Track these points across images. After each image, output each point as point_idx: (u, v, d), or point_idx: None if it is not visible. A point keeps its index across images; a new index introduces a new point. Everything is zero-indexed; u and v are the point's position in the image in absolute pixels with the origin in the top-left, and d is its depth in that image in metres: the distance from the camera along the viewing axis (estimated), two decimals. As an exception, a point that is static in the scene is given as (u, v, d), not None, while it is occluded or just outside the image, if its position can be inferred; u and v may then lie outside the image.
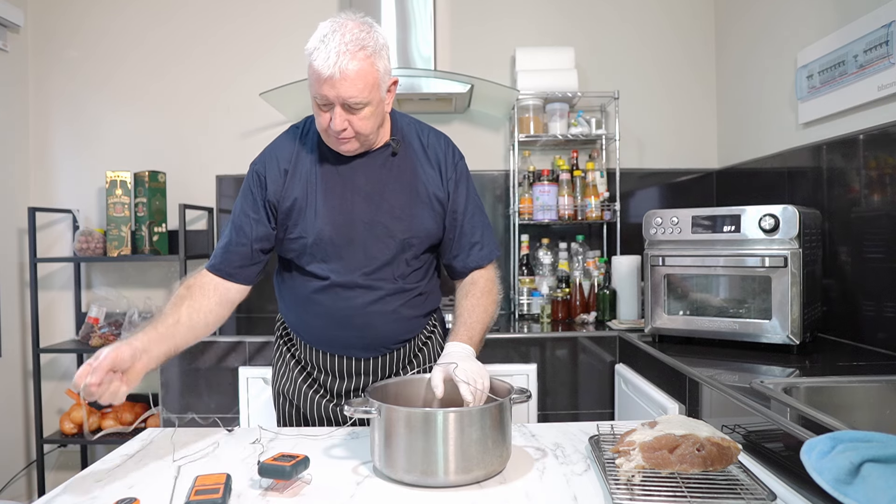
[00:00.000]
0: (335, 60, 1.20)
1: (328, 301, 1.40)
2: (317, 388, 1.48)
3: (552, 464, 1.14)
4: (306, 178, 1.38)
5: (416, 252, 1.42)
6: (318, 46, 1.22)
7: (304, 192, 1.37)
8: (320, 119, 1.29)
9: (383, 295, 1.40)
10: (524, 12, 3.04)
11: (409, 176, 1.41)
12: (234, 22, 3.03)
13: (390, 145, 1.41)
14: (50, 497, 1.02)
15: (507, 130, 3.03)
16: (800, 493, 1.02)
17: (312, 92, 1.26)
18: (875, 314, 1.87)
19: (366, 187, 1.38)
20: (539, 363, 2.39)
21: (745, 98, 2.74)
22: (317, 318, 1.43)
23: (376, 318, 1.41)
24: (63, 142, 3.04)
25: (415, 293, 1.45)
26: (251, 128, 3.04)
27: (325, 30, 1.25)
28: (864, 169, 1.92)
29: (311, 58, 1.23)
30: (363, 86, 1.23)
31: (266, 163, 1.40)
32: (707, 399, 1.57)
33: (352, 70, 1.21)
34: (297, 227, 1.37)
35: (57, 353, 2.88)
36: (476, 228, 1.47)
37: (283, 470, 1.01)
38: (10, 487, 2.80)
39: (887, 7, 1.79)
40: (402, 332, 1.46)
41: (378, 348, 1.44)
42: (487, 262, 1.49)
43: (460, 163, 1.47)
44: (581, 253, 2.87)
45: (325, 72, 1.21)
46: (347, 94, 1.23)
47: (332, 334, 1.43)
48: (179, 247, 2.69)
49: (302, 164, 1.39)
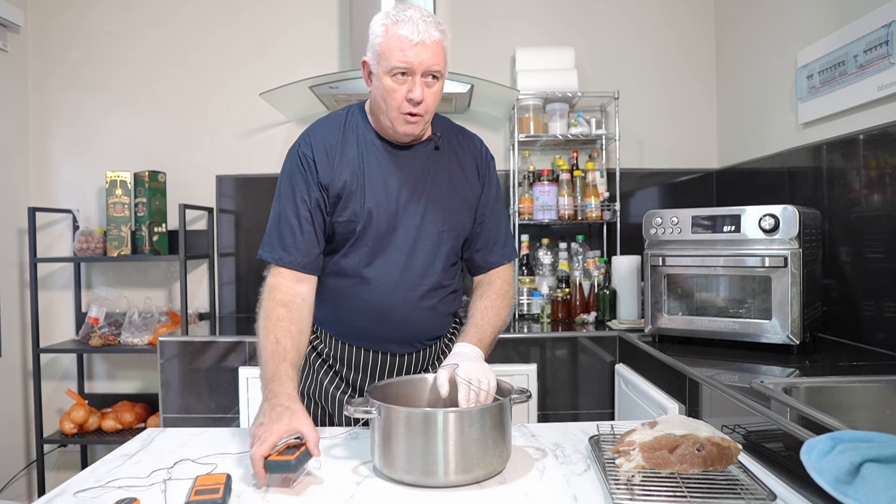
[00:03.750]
0: (424, 28, 1.25)
1: (369, 294, 1.38)
2: (344, 387, 1.47)
3: (552, 464, 1.14)
4: (355, 164, 1.35)
5: (454, 247, 1.43)
6: (400, 19, 1.25)
7: (353, 177, 1.34)
8: (395, 94, 1.27)
9: (426, 290, 1.40)
10: (524, 12, 3.04)
11: (448, 171, 1.43)
12: (234, 22, 3.03)
13: (432, 140, 1.42)
14: (50, 497, 1.02)
15: (507, 130, 3.03)
16: (800, 493, 1.02)
17: (392, 62, 1.25)
18: (875, 314, 1.87)
19: (410, 178, 1.38)
20: (539, 363, 2.39)
21: (745, 98, 2.74)
22: (354, 311, 1.40)
23: (417, 313, 1.41)
24: (63, 142, 3.04)
25: (450, 289, 1.46)
26: (251, 128, 3.04)
27: (396, 10, 1.28)
28: (864, 169, 1.92)
29: (393, 29, 1.25)
30: (442, 56, 1.29)
31: (313, 145, 1.36)
32: (707, 399, 1.57)
33: (436, 38, 1.27)
34: (347, 210, 1.34)
35: (57, 353, 2.88)
36: (501, 226, 1.52)
37: (289, 464, 1.01)
38: (10, 487, 2.80)
39: (887, 7, 1.79)
40: (437, 328, 1.47)
41: (413, 343, 1.45)
42: (507, 261, 1.52)
43: (491, 163, 1.52)
44: (581, 253, 2.87)
45: (415, 37, 1.24)
46: (432, 62, 1.26)
47: (369, 328, 1.41)
48: (179, 247, 2.69)
49: (348, 150, 1.37)
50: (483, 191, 1.48)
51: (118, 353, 2.86)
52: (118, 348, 2.74)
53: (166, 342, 2.42)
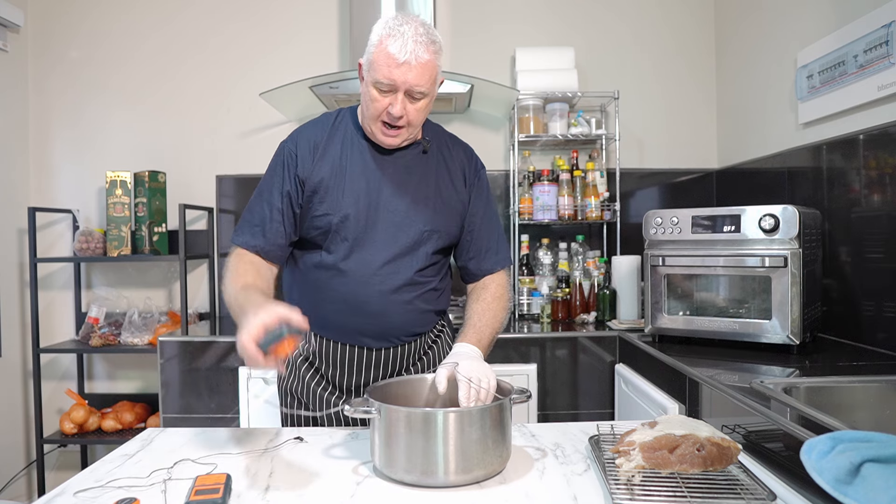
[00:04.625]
0: (412, 48, 1.26)
1: (345, 287, 1.40)
2: (325, 384, 1.48)
3: (552, 464, 1.14)
4: (336, 161, 1.40)
5: (435, 246, 1.44)
6: (392, 34, 1.26)
7: (332, 173, 1.39)
8: (376, 104, 1.32)
9: (401, 284, 1.41)
10: (524, 12, 3.04)
11: (435, 174, 1.46)
12: (234, 23, 3.03)
13: (420, 143, 1.45)
14: (50, 497, 1.02)
15: (507, 130, 3.03)
16: (800, 493, 1.02)
17: (377, 76, 1.28)
18: (875, 314, 1.87)
19: (394, 177, 1.41)
20: (539, 363, 2.39)
21: (745, 98, 2.74)
22: (331, 303, 1.42)
23: (392, 307, 1.41)
24: (63, 142, 3.04)
25: (429, 287, 1.47)
26: (251, 128, 3.04)
27: (395, 21, 1.29)
28: (864, 169, 1.92)
29: (383, 44, 1.27)
30: (429, 77, 1.30)
31: (298, 141, 1.43)
32: (707, 399, 1.57)
33: (424, 60, 1.27)
34: (324, 205, 1.39)
35: (57, 353, 2.88)
36: (492, 234, 1.53)
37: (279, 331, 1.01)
38: (10, 487, 2.80)
39: (887, 7, 1.79)
40: (415, 324, 1.48)
41: (390, 338, 1.45)
42: (501, 268, 1.54)
43: (481, 171, 1.55)
44: (581, 253, 2.87)
45: (401, 57, 1.25)
46: (415, 82, 1.28)
47: (345, 320, 1.43)
48: (179, 247, 2.69)
49: (332, 148, 1.42)
50: (471, 199, 1.50)
51: (118, 353, 2.86)
52: (118, 348, 2.74)
53: (166, 342, 2.42)
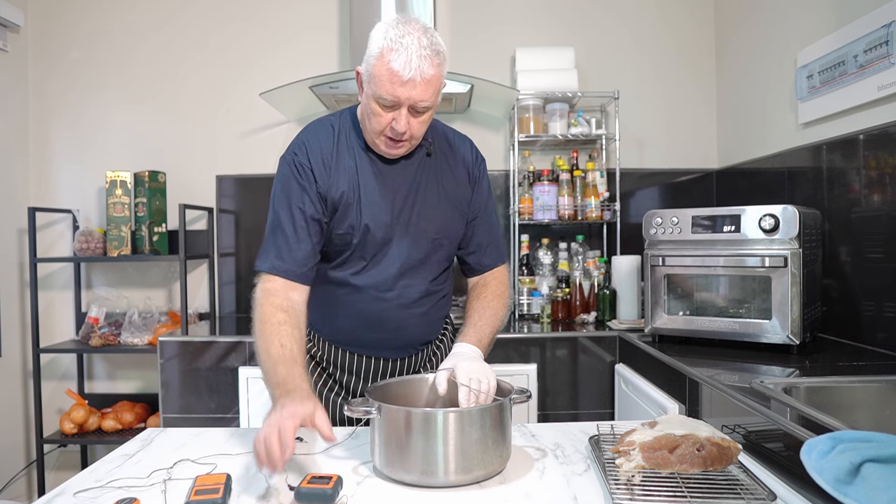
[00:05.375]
0: (417, 64, 1.19)
1: (361, 303, 1.38)
2: (338, 389, 1.47)
3: (552, 464, 1.14)
4: (350, 175, 1.34)
5: (445, 253, 1.43)
6: (394, 47, 1.19)
7: (350, 188, 1.33)
8: (379, 119, 1.25)
9: (417, 297, 1.40)
10: (524, 13, 3.04)
11: (440, 177, 1.42)
12: (234, 23, 3.03)
13: (424, 147, 1.41)
14: (50, 497, 1.02)
15: (507, 130, 3.03)
16: (800, 493, 1.02)
17: (380, 92, 1.21)
18: (875, 314, 1.87)
19: (402, 189, 1.37)
20: (539, 363, 2.39)
21: (745, 98, 2.74)
22: (347, 318, 1.40)
23: (410, 320, 1.41)
24: (63, 142, 3.03)
25: (442, 294, 1.47)
26: (251, 128, 3.04)
27: (396, 32, 1.21)
28: (864, 169, 1.92)
29: (385, 58, 1.20)
30: (434, 91, 1.24)
31: (309, 154, 1.34)
32: (707, 399, 1.57)
33: (429, 76, 1.21)
34: (345, 223, 1.33)
35: (57, 353, 2.88)
36: (493, 228, 1.52)
37: (325, 493, 0.95)
38: (10, 487, 2.80)
39: (887, 7, 1.79)
40: (429, 332, 1.48)
41: (408, 349, 1.46)
42: (500, 263, 1.53)
43: (482, 164, 1.51)
44: (581, 253, 2.87)
45: (405, 74, 1.19)
46: (420, 98, 1.22)
47: (364, 336, 1.41)
48: (179, 247, 2.69)
49: (343, 160, 1.35)
50: (474, 192, 1.47)
51: (118, 353, 2.86)
52: (118, 348, 2.74)
53: (166, 342, 2.42)
